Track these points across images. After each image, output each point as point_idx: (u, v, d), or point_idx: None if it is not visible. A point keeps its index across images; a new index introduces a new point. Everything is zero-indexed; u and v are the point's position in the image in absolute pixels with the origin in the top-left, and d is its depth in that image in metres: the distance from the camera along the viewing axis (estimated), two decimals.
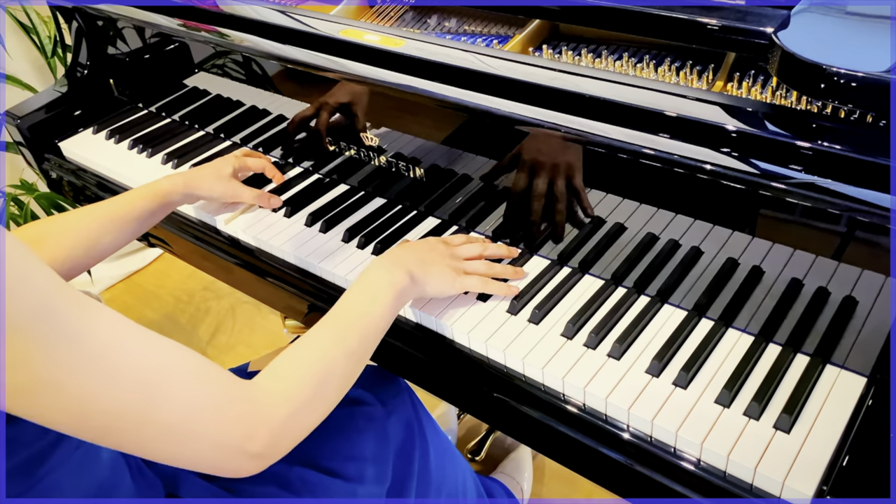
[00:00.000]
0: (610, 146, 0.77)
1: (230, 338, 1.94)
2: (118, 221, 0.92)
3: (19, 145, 1.43)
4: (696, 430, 0.69)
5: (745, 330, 0.79)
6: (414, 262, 0.83)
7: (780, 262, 0.73)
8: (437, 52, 0.92)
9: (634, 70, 0.93)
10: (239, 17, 1.11)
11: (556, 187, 0.87)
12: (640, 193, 0.80)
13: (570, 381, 0.76)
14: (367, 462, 0.87)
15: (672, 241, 0.81)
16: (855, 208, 0.64)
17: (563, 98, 0.81)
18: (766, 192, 0.68)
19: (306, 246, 1.02)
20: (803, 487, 0.63)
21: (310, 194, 1.12)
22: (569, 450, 0.78)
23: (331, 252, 1.00)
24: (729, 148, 0.71)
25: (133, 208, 0.94)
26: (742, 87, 0.85)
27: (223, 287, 2.05)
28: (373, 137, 1.02)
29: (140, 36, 1.28)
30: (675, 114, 0.74)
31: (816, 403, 0.70)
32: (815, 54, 0.65)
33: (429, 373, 0.91)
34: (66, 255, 0.87)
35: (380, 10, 1.18)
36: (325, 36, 1.01)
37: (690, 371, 0.74)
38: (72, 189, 1.39)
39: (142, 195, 0.97)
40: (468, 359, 0.84)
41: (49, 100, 1.39)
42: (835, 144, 0.66)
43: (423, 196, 1.03)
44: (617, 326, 0.82)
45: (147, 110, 1.42)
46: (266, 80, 1.12)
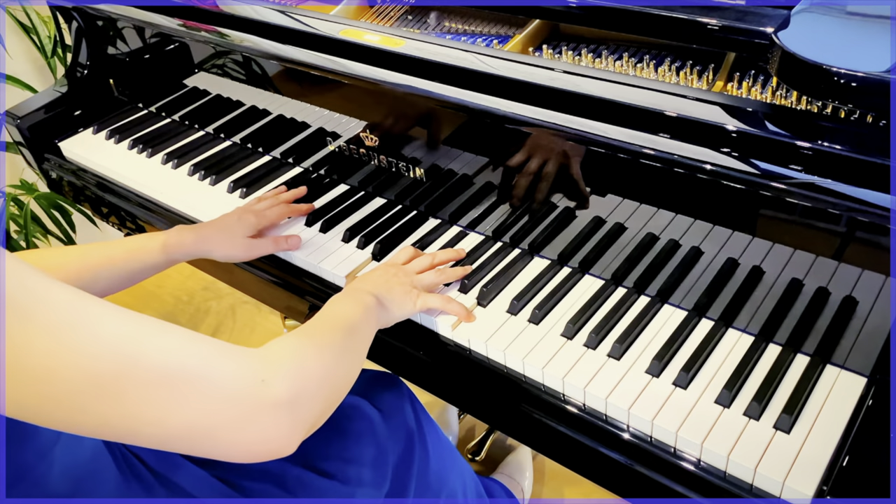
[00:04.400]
0: (610, 146, 0.77)
1: (230, 338, 1.94)
2: (115, 270, 0.86)
3: (19, 145, 1.43)
4: (696, 430, 0.69)
5: (745, 330, 0.79)
6: (374, 286, 0.83)
7: (780, 262, 0.73)
8: (437, 52, 0.92)
9: (634, 70, 0.93)
10: (239, 17, 1.11)
11: (556, 187, 0.87)
12: (640, 193, 0.80)
13: (571, 381, 0.76)
14: (366, 466, 0.87)
15: (672, 241, 0.81)
16: (855, 208, 0.64)
17: (562, 98, 0.81)
18: (767, 192, 0.68)
19: (306, 246, 1.02)
20: (803, 487, 0.63)
21: (310, 194, 1.12)
22: (569, 450, 0.78)
23: (331, 252, 1.00)
24: (729, 148, 0.71)
25: (135, 258, 0.89)
26: (742, 87, 0.85)
27: (223, 287, 2.05)
28: (372, 137, 1.02)
29: (140, 36, 1.28)
30: (675, 114, 0.74)
31: (816, 403, 0.70)
32: (816, 54, 0.65)
33: (429, 373, 0.91)
34: None
35: (380, 10, 1.18)
36: (325, 36, 1.01)
37: (690, 371, 0.74)
38: (72, 189, 1.39)
39: (147, 247, 0.90)
40: (468, 359, 0.84)
41: (49, 100, 1.39)
42: (835, 144, 0.66)
43: (423, 196, 1.03)
44: (617, 326, 0.82)
45: (147, 110, 1.42)
46: (266, 80, 1.12)
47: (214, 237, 0.96)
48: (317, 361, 0.63)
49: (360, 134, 1.03)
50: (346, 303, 0.78)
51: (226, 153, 1.26)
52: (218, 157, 1.25)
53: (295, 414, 0.57)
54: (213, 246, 0.96)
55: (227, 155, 1.25)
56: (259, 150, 1.25)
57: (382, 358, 0.93)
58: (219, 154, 1.26)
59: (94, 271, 0.84)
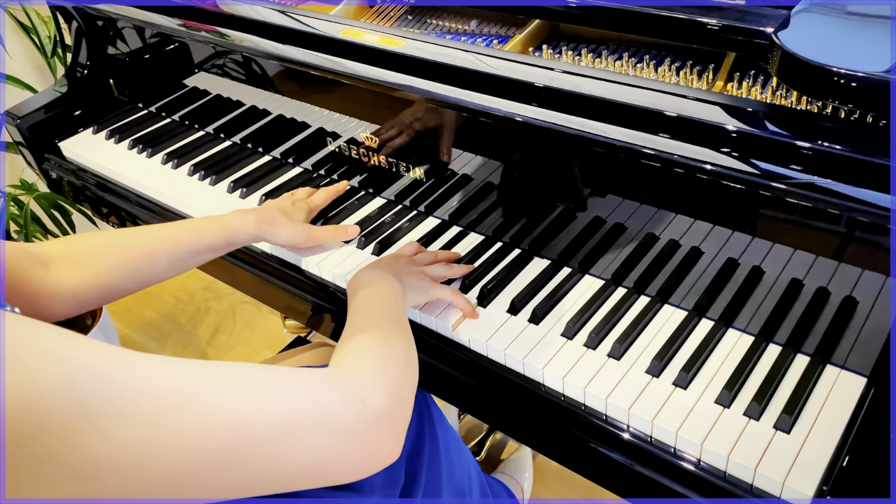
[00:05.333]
0: (610, 146, 0.77)
1: (230, 338, 1.94)
2: (176, 249, 0.82)
3: (19, 145, 1.43)
4: (696, 430, 0.69)
5: (745, 330, 0.79)
6: (393, 271, 0.83)
7: (780, 262, 0.73)
8: (437, 52, 0.92)
9: (634, 70, 0.93)
10: (239, 17, 1.11)
11: (556, 187, 0.87)
12: (640, 193, 0.80)
13: (570, 381, 0.76)
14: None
15: (672, 241, 0.81)
16: (855, 208, 0.64)
17: (563, 98, 0.81)
18: (767, 192, 0.68)
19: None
20: (803, 487, 0.63)
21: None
22: (569, 450, 0.78)
23: (330, 251, 1.00)
24: (729, 148, 0.71)
25: (197, 239, 0.85)
26: (742, 87, 0.85)
27: (223, 287, 2.05)
28: (372, 137, 1.02)
29: (140, 36, 1.28)
30: (675, 114, 0.74)
31: (816, 403, 0.70)
32: (816, 54, 0.65)
33: (428, 373, 0.91)
34: (109, 278, 0.77)
35: (380, 10, 1.18)
36: (325, 36, 1.01)
37: (690, 371, 0.74)
38: (72, 189, 1.39)
39: (209, 227, 0.86)
40: (467, 359, 0.84)
41: (49, 100, 1.39)
42: (835, 144, 0.66)
43: (423, 196, 1.03)
44: (617, 326, 0.82)
45: (147, 110, 1.42)
46: (266, 80, 1.12)
47: (277, 220, 0.93)
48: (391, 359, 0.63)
49: (360, 134, 1.03)
50: (379, 289, 0.77)
51: (226, 153, 1.26)
52: (218, 157, 1.25)
53: (395, 418, 0.58)
54: (276, 228, 0.93)
55: (227, 155, 1.25)
56: (259, 150, 1.25)
57: None
58: (219, 154, 1.26)
59: (154, 252, 0.81)
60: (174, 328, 1.98)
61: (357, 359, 0.61)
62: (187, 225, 0.86)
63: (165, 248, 0.82)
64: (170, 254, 0.82)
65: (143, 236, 0.82)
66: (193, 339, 1.94)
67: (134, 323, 2.00)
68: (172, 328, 1.97)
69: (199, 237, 0.85)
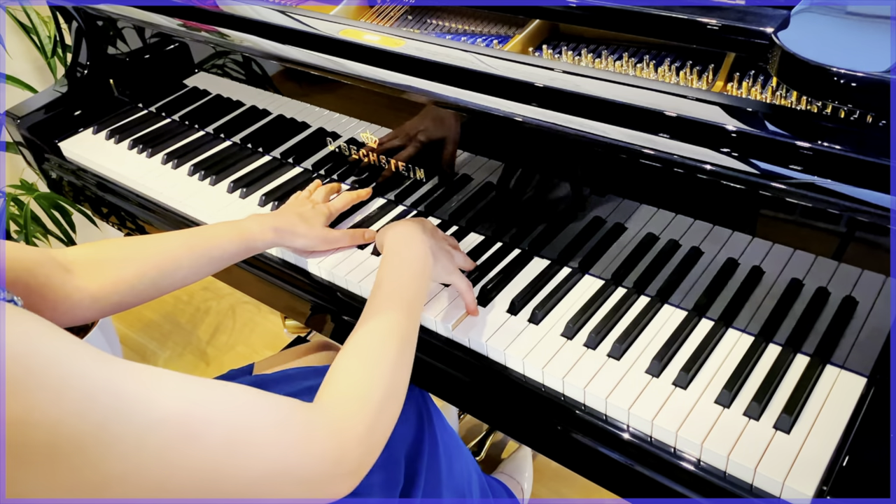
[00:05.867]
0: (610, 146, 0.77)
1: (230, 338, 1.94)
2: (196, 255, 0.83)
3: (19, 145, 1.43)
4: (696, 430, 0.69)
5: (745, 330, 0.79)
6: (429, 242, 0.83)
7: (780, 263, 0.73)
8: (437, 52, 0.92)
9: (634, 70, 0.93)
10: (239, 17, 1.11)
11: (556, 187, 0.87)
12: (640, 193, 0.80)
13: (570, 381, 0.76)
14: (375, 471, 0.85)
15: (672, 241, 0.81)
16: (855, 208, 0.64)
17: (562, 98, 0.81)
18: (766, 192, 0.68)
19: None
20: (803, 487, 0.63)
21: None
22: (569, 450, 0.78)
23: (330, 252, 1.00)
24: (729, 148, 0.71)
25: (216, 245, 0.85)
26: (742, 87, 0.85)
27: (223, 287, 2.05)
28: (373, 137, 1.02)
29: (140, 36, 1.28)
30: (675, 114, 0.74)
31: (816, 403, 0.70)
32: (816, 54, 0.65)
33: (428, 373, 0.91)
34: (131, 285, 0.78)
35: (380, 10, 1.18)
36: (325, 36, 1.01)
37: (690, 371, 0.74)
38: (72, 189, 1.39)
39: (227, 234, 0.87)
40: (467, 359, 0.84)
41: (49, 100, 1.39)
42: (835, 144, 0.66)
43: (424, 196, 1.03)
44: (617, 326, 0.82)
45: (147, 110, 1.42)
46: (266, 80, 1.12)
47: (297, 226, 0.93)
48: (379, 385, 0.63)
49: (360, 134, 1.03)
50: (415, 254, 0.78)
51: (226, 153, 1.26)
52: (218, 157, 1.25)
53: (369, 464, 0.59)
54: (295, 237, 0.93)
55: (227, 155, 1.25)
56: (259, 150, 1.25)
57: None
58: (219, 154, 1.26)
59: (176, 259, 0.82)
60: (174, 328, 1.98)
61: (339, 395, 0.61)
62: (206, 231, 0.87)
63: (186, 255, 0.82)
64: (190, 261, 0.83)
65: (165, 244, 0.82)
66: (193, 339, 1.94)
67: (134, 323, 2.00)
68: (172, 328, 1.97)
69: (217, 243, 0.86)
